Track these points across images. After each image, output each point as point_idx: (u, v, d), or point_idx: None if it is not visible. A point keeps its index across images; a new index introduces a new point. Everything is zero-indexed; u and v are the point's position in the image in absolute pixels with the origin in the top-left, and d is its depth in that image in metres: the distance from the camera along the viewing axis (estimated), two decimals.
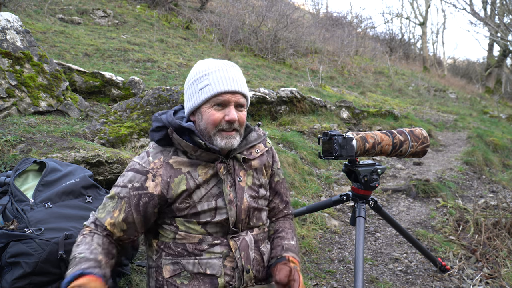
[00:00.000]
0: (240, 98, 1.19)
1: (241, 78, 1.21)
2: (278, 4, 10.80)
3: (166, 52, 7.17)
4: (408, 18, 22.60)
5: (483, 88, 17.41)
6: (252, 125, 1.36)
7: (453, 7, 23.92)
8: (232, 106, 1.18)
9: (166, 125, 1.20)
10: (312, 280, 2.24)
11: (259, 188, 1.31)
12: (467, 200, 3.71)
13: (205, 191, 1.20)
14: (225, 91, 1.16)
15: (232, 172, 1.25)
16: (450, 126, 7.70)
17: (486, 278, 2.36)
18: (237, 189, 1.24)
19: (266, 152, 1.37)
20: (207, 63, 1.22)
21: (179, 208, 1.18)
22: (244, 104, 1.22)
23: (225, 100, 1.17)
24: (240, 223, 1.24)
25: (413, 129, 1.96)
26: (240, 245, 1.22)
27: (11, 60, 3.05)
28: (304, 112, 5.41)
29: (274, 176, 1.41)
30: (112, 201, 1.18)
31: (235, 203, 1.22)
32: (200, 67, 1.22)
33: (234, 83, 1.17)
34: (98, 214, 1.19)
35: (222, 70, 1.18)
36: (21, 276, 1.39)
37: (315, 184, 3.58)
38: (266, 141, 1.40)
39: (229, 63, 1.24)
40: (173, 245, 1.20)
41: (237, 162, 1.28)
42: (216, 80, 1.17)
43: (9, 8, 6.27)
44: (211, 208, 1.20)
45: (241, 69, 1.27)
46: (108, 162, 2.30)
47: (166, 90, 3.40)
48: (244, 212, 1.24)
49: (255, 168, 1.32)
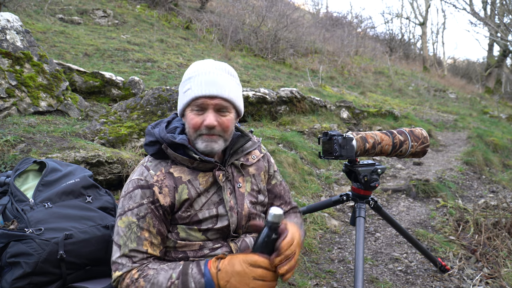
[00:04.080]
0: (219, 101, 1.16)
1: (223, 81, 1.17)
2: (278, 4, 10.81)
3: (166, 52, 7.17)
4: (408, 18, 22.62)
5: (483, 88, 17.42)
6: (246, 131, 1.35)
7: (453, 7, 23.92)
8: (210, 110, 1.15)
9: (159, 140, 1.19)
10: (312, 280, 2.24)
11: (258, 194, 1.32)
12: (467, 200, 3.71)
13: (206, 199, 1.20)
14: (202, 95, 1.14)
15: (231, 179, 1.26)
16: (450, 126, 7.70)
17: (486, 278, 2.36)
18: (237, 196, 1.24)
19: (262, 157, 1.38)
20: (195, 66, 1.22)
21: (181, 217, 1.18)
22: (227, 107, 1.17)
23: (203, 103, 1.15)
24: (241, 229, 1.24)
25: (413, 129, 1.96)
26: (240, 246, 1.23)
27: (11, 60, 3.05)
28: (304, 112, 5.41)
29: (271, 179, 1.41)
30: (132, 227, 1.14)
31: (236, 210, 1.23)
32: (188, 70, 1.22)
33: (212, 87, 1.15)
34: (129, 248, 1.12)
35: (205, 74, 1.17)
36: (21, 276, 1.39)
37: (315, 184, 3.58)
38: (261, 147, 1.41)
39: (217, 65, 1.20)
40: (173, 253, 1.20)
41: (235, 169, 1.28)
42: (196, 84, 1.16)
43: (9, 8, 6.27)
44: (212, 215, 1.20)
45: (241, 69, 1.27)
46: (108, 162, 2.30)
47: (166, 90, 3.40)
48: (245, 218, 1.24)
49: (253, 174, 1.32)
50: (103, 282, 1.62)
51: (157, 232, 1.15)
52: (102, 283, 1.61)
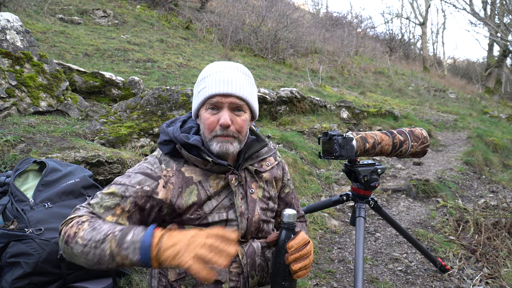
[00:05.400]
0: (234, 100, 1.14)
1: (238, 80, 1.16)
2: (278, 4, 10.81)
3: (166, 52, 7.17)
4: (408, 18, 22.64)
5: (483, 88, 17.42)
6: (265, 138, 1.34)
7: (453, 7, 23.94)
8: (225, 109, 1.14)
9: (173, 139, 1.18)
10: (312, 280, 2.24)
11: (269, 201, 1.31)
12: (467, 200, 3.71)
13: (216, 202, 1.19)
14: (217, 93, 1.13)
15: (244, 184, 1.24)
16: (450, 126, 7.70)
17: (486, 278, 2.36)
18: (249, 201, 1.23)
19: (277, 165, 1.37)
20: (210, 66, 1.21)
21: (190, 219, 1.17)
22: (241, 106, 1.16)
23: (218, 102, 1.14)
24: (250, 234, 1.23)
25: (413, 129, 1.96)
26: (247, 251, 1.21)
27: (11, 60, 3.05)
28: (304, 112, 5.41)
29: (284, 187, 1.41)
30: (112, 198, 1.09)
31: (247, 216, 1.21)
32: (203, 71, 1.22)
33: (227, 85, 1.14)
34: (95, 209, 1.07)
35: (219, 72, 1.16)
36: (21, 276, 1.40)
37: (315, 184, 3.58)
38: (276, 155, 1.39)
39: (233, 65, 1.20)
40: None
41: (249, 174, 1.26)
42: (210, 83, 1.15)
43: (9, 8, 6.27)
44: (222, 220, 1.18)
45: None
46: (108, 162, 2.30)
47: (166, 90, 3.40)
48: (254, 225, 1.23)
49: (266, 181, 1.31)
50: (103, 282, 1.62)
51: (127, 218, 1.09)
52: (102, 283, 1.61)
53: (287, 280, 1.11)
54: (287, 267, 1.10)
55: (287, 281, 1.11)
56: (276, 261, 1.13)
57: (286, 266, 1.10)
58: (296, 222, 1.44)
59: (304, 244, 1.11)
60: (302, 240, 1.11)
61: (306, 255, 1.11)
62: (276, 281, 1.12)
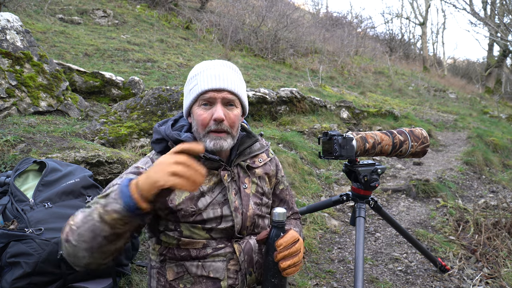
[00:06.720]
0: (227, 94, 1.17)
1: (229, 76, 1.19)
2: (278, 4, 10.81)
3: (166, 52, 7.17)
4: (408, 18, 22.63)
5: (483, 88, 17.42)
6: (256, 134, 1.35)
7: (453, 7, 23.86)
8: (218, 104, 1.16)
9: (165, 138, 1.20)
10: (312, 280, 2.24)
11: (262, 196, 1.32)
12: (467, 200, 3.71)
13: (210, 198, 1.20)
14: (209, 88, 1.15)
15: (237, 179, 1.25)
16: (450, 126, 7.70)
17: (486, 278, 2.36)
18: (243, 196, 1.24)
19: (269, 161, 1.38)
20: (200, 64, 1.23)
21: (185, 215, 1.18)
22: (233, 101, 1.19)
23: (211, 97, 1.16)
24: (245, 230, 1.24)
25: (413, 129, 1.96)
26: (244, 248, 1.22)
27: (11, 60, 3.05)
28: (304, 112, 5.41)
29: (278, 184, 1.42)
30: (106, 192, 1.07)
31: (241, 210, 1.22)
32: (193, 70, 1.24)
33: (219, 80, 1.16)
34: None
35: (210, 69, 1.19)
36: (21, 276, 1.40)
37: (315, 184, 3.58)
38: (268, 151, 1.40)
39: (222, 63, 1.23)
40: (176, 251, 1.20)
41: (241, 170, 1.28)
42: (203, 79, 1.17)
43: (9, 8, 6.27)
44: (217, 216, 1.19)
45: (241, 69, 1.28)
46: (108, 162, 2.30)
47: (166, 90, 3.40)
48: (249, 220, 1.24)
49: (259, 176, 1.32)
50: (103, 282, 1.62)
51: None
52: (102, 283, 1.61)
53: (276, 277, 1.12)
54: (276, 265, 1.11)
55: (276, 279, 1.12)
56: (266, 259, 1.14)
57: (276, 263, 1.11)
58: (289, 220, 1.45)
59: (293, 242, 1.11)
60: (291, 238, 1.11)
61: (295, 253, 1.11)
62: (266, 278, 1.14)
